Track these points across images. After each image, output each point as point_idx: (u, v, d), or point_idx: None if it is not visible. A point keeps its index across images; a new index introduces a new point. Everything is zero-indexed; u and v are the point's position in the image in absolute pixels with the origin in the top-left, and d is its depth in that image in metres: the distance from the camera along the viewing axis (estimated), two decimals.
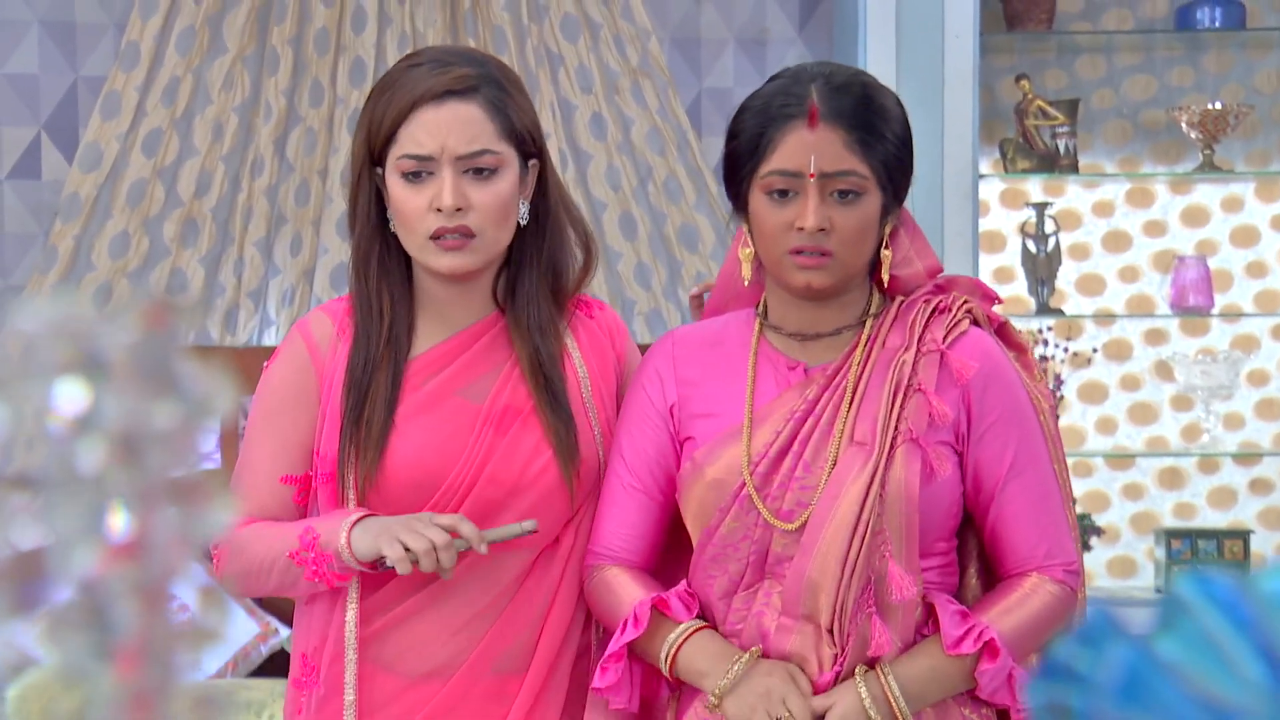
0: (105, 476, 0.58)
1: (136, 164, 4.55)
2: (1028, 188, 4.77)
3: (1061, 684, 0.66)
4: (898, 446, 2.07)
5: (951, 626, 2.05)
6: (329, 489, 2.22)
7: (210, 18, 4.57)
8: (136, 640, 0.62)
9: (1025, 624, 2.08)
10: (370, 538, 2.13)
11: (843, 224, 2.07)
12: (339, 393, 2.23)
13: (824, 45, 4.74)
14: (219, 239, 4.60)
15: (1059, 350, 4.69)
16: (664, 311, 4.65)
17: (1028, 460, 2.11)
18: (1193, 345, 4.80)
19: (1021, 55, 4.79)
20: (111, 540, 0.60)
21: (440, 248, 2.20)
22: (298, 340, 2.27)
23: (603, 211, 4.66)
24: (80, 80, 4.66)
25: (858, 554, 2.04)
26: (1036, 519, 2.11)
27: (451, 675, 2.23)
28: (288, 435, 2.24)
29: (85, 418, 0.57)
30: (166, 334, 0.60)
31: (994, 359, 2.12)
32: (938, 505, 2.09)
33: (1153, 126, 4.81)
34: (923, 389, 2.09)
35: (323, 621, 2.27)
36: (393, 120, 2.21)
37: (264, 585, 2.22)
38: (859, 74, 2.17)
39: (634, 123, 4.66)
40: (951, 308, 2.14)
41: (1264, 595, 0.75)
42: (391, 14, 4.61)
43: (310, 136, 4.61)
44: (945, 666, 2.05)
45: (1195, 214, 4.82)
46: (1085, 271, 4.82)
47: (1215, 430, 4.72)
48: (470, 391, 2.26)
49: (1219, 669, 0.71)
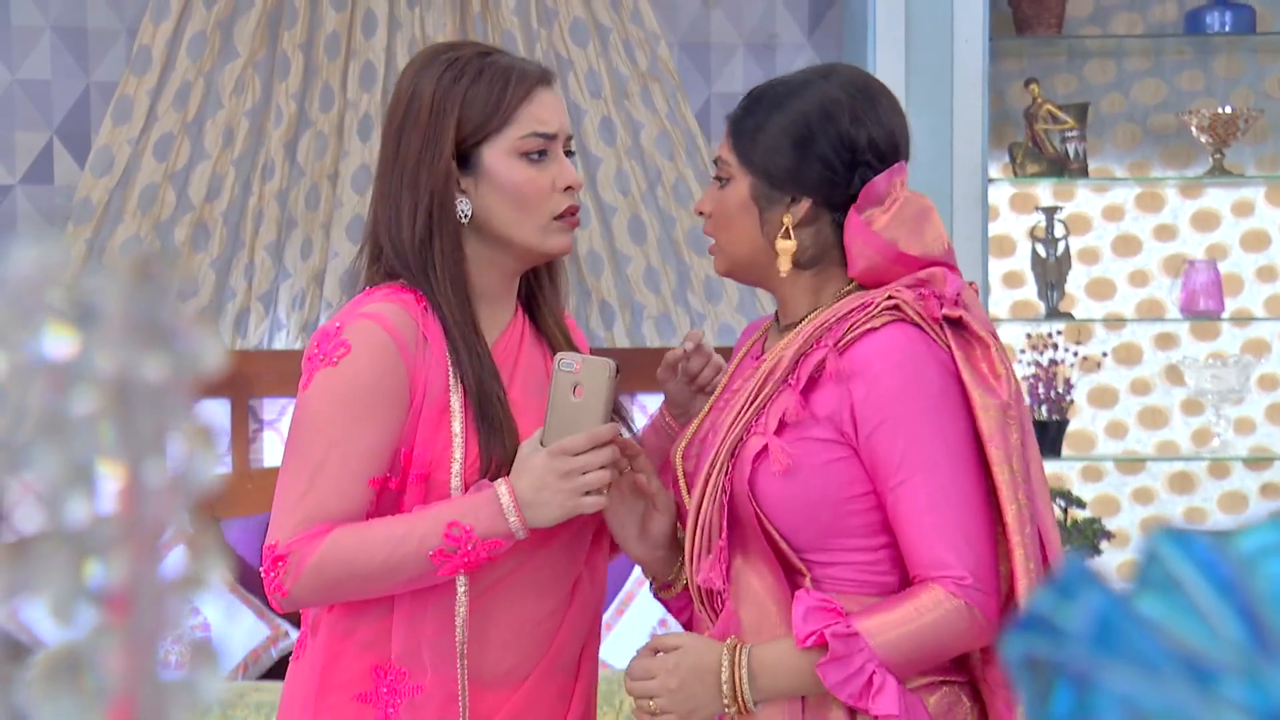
0: (95, 425, 0.60)
1: (148, 168, 4.58)
2: (1037, 192, 4.78)
3: (1039, 636, 0.67)
4: (747, 440, 2.11)
5: (803, 621, 2.04)
6: (419, 489, 2.15)
7: (221, 23, 4.59)
8: (125, 591, 0.63)
9: (908, 636, 2.03)
10: (550, 509, 2.10)
11: (714, 206, 2.20)
12: (438, 395, 2.16)
13: (833, 50, 4.76)
14: (230, 243, 4.63)
15: (1069, 354, 4.70)
16: (673, 316, 4.67)
17: (919, 464, 2.05)
18: (1203, 349, 4.81)
19: (1031, 59, 4.80)
20: (101, 490, 0.61)
21: (566, 225, 2.21)
22: (382, 336, 2.14)
23: (612, 216, 4.67)
24: (92, 85, 4.68)
25: (697, 541, 2.11)
26: (922, 526, 2.04)
27: (526, 676, 2.21)
28: (380, 436, 2.13)
29: (75, 365, 0.58)
30: (157, 286, 0.61)
31: (892, 359, 2.07)
32: (809, 501, 2.08)
33: (1162, 131, 4.82)
34: (789, 384, 2.11)
35: (416, 627, 2.17)
36: (511, 102, 2.18)
37: (367, 591, 2.14)
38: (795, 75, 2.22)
39: (643, 127, 4.68)
40: (871, 304, 2.12)
41: (1243, 554, 0.76)
42: (402, 18, 4.63)
43: (321, 140, 4.64)
44: (796, 660, 2.06)
45: (1205, 218, 4.83)
46: (1095, 275, 4.83)
47: (1226, 435, 4.72)
48: (535, 389, 2.26)
49: (1197, 627, 0.72)
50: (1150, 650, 0.64)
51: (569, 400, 2.14)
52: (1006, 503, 2.07)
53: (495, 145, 2.19)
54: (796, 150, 2.14)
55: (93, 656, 0.60)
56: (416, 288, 2.18)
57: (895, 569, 2.11)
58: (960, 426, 2.09)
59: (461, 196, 2.19)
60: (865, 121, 2.16)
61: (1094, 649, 0.63)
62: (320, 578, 2.09)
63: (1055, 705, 0.68)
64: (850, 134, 2.15)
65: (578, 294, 4.67)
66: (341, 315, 2.19)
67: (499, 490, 2.10)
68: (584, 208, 4.66)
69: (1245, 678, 0.67)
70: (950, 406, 2.08)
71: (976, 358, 2.13)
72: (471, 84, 2.18)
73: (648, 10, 4.68)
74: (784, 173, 2.14)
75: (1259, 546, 0.76)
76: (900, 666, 2.04)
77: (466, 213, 2.19)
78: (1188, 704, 0.63)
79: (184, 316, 0.62)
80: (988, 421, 2.09)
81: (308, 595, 2.12)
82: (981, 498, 2.08)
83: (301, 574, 2.09)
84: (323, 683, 2.19)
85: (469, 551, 2.09)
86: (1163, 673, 0.63)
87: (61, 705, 0.57)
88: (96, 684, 0.58)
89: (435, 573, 2.10)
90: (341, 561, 2.09)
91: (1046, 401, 4.61)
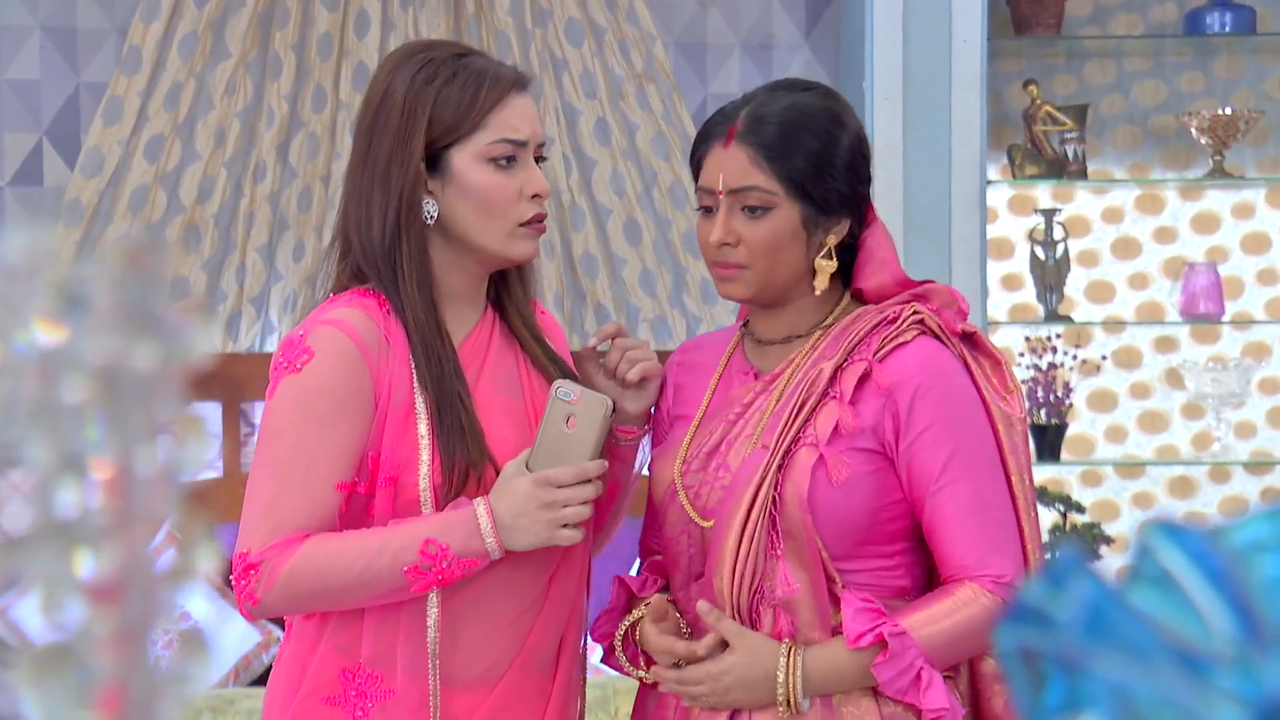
0: (85, 412, 0.60)
1: (138, 170, 4.58)
2: (1036, 194, 4.79)
3: (1031, 627, 0.68)
4: (796, 451, 2.16)
5: (854, 621, 2.12)
6: (388, 493, 2.17)
7: (213, 22, 4.60)
8: (116, 581, 0.64)
9: (947, 630, 2.12)
10: (528, 536, 2.13)
11: (750, 237, 2.18)
12: (403, 398, 2.18)
13: (830, 50, 4.77)
14: (221, 245, 4.63)
15: (1068, 358, 4.70)
16: (669, 319, 4.67)
17: (962, 469, 2.15)
18: (1203, 353, 4.82)
19: (1030, 60, 4.81)
20: (92, 478, 0.62)
21: (532, 232, 2.23)
22: (345, 342, 2.17)
23: (607, 218, 4.68)
24: (82, 86, 4.69)
25: (747, 553, 2.15)
26: (966, 528, 2.15)
27: (501, 676, 2.23)
28: (346, 440, 2.16)
29: (64, 354, 0.59)
30: (148, 274, 0.62)
31: (932, 370, 2.17)
32: (852, 510, 2.15)
33: (1162, 132, 4.83)
34: (834, 396, 2.17)
35: (388, 630, 2.20)
36: (483, 107, 2.20)
37: (339, 602, 2.16)
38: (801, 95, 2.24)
39: (639, 128, 4.69)
40: (899, 318, 2.20)
41: (1236, 546, 0.76)
42: (395, 18, 4.64)
43: (313, 142, 4.64)
44: (847, 660, 2.13)
45: (1205, 220, 4.84)
46: (1094, 278, 4.84)
47: (1226, 439, 4.73)
48: (506, 387, 2.28)
49: (1190, 619, 0.73)
50: (1141, 639, 0.65)
51: (561, 429, 2.18)
52: (1022, 514, 2.21)
53: (464, 149, 2.21)
54: (850, 176, 2.21)
55: (83, 647, 0.60)
56: (381, 288, 2.22)
57: (909, 573, 2.21)
58: (991, 434, 2.20)
59: (429, 198, 2.22)
60: (864, 136, 2.27)
61: (1085, 637, 0.64)
62: (292, 587, 2.12)
63: (1047, 697, 0.68)
64: (865, 149, 2.25)
65: (572, 297, 4.68)
66: (306, 323, 2.22)
67: (478, 510, 2.14)
68: (579, 209, 4.67)
69: (1238, 669, 0.68)
70: (982, 415, 2.20)
71: (988, 373, 2.24)
72: (444, 85, 2.20)
73: (643, 10, 4.69)
74: (831, 195, 2.20)
75: (1252, 540, 0.77)
76: (941, 658, 2.14)
77: (433, 214, 2.21)
78: (1178, 692, 0.64)
79: (175, 306, 0.63)
80: (1003, 435, 2.21)
81: (279, 604, 2.16)
82: (1012, 501, 2.20)
83: (274, 583, 2.12)
84: (297, 686, 2.23)
85: (443, 569, 2.13)
86: (1154, 661, 0.64)
87: (51, 695, 0.57)
88: (86, 674, 0.59)
89: (408, 588, 2.14)
90: (314, 572, 2.12)
91: (1045, 405, 4.62)
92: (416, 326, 2.20)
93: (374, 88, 2.26)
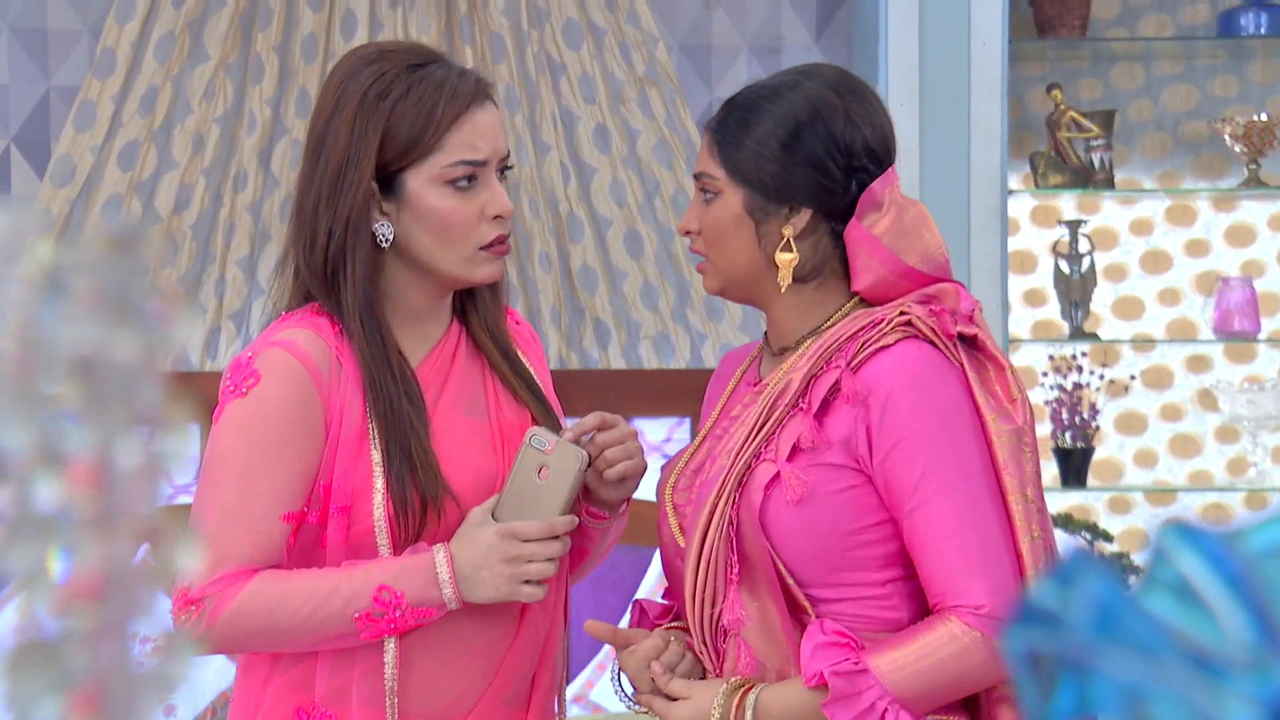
0: (64, 401, 0.62)
1: (112, 178, 4.60)
2: (1060, 204, 4.80)
3: (1039, 630, 0.69)
4: (756, 467, 2.13)
5: (811, 658, 2.08)
6: (340, 523, 2.17)
7: (191, 23, 4.62)
8: (95, 573, 0.66)
9: (922, 674, 2.06)
10: (487, 589, 2.15)
11: (702, 224, 2.22)
12: (356, 422, 2.18)
13: (842, 53, 4.79)
14: (199, 257, 4.65)
15: (1094, 378, 4.71)
16: (672, 335, 4.69)
17: (938, 486, 2.08)
18: (1238, 373, 4.83)
19: (1053, 63, 4.83)
20: (71, 468, 0.64)
21: (493, 255, 2.22)
22: (293, 364, 2.17)
23: (607, 228, 4.70)
24: (52, 90, 4.71)
25: (705, 577, 2.13)
26: (941, 551, 2.08)
27: (467, 712, 2.23)
28: (293, 469, 2.16)
29: (44, 339, 0.61)
30: (129, 262, 0.64)
31: (906, 377, 2.12)
32: (818, 532, 2.11)
33: (1194, 139, 4.85)
34: (800, 408, 2.14)
35: (343, 666, 2.20)
36: (440, 125, 2.19)
37: (285, 644, 2.17)
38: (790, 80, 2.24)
39: (640, 134, 4.71)
40: (883, 320, 2.15)
41: (1253, 550, 0.78)
42: (383, 19, 4.66)
43: (296, 149, 4.66)
44: (804, 700, 2.09)
45: (1240, 232, 4.86)
46: (1122, 293, 4.86)
47: (1263, 464, 4.74)
48: (471, 408, 2.28)
49: (1206, 623, 0.75)
50: (1152, 637, 0.67)
51: (532, 480, 2.18)
52: (1020, 534, 2.12)
53: (420, 172, 2.20)
54: (785, 155, 2.17)
55: (62, 644, 0.62)
56: (330, 310, 2.21)
57: (905, 603, 2.14)
58: (978, 447, 2.12)
59: (383, 219, 2.21)
60: (858, 122, 2.20)
61: (1095, 636, 0.66)
62: (237, 626, 2.13)
63: (1057, 703, 0.70)
64: (845, 136, 2.19)
65: (570, 312, 4.69)
66: (255, 344, 2.23)
67: (437, 558, 2.15)
68: (577, 220, 4.69)
69: (1254, 672, 0.69)
70: (967, 426, 2.12)
71: (990, 379, 2.17)
72: (398, 102, 2.19)
73: (645, 11, 4.71)
74: (775, 181, 2.17)
75: (1269, 544, 0.79)
76: (917, 702, 2.07)
77: (388, 236, 2.21)
78: (1190, 691, 0.65)
79: (156, 294, 0.65)
80: (1002, 448, 2.13)
81: (221, 642, 2.17)
82: (1003, 521, 2.12)
83: (216, 620, 2.13)
84: None
85: (396, 618, 2.14)
86: (1164, 660, 0.66)
87: (28, 691, 0.59)
88: (65, 670, 0.60)
89: (358, 634, 2.15)
90: (261, 611, 2.13)
91: (1071, 428, 4.63)
92: (362, 359, 2.19)
93: (324, 99, 2.25)
